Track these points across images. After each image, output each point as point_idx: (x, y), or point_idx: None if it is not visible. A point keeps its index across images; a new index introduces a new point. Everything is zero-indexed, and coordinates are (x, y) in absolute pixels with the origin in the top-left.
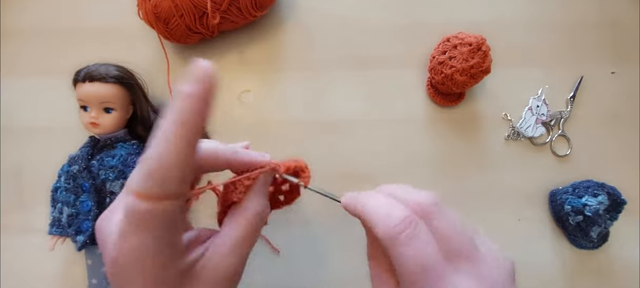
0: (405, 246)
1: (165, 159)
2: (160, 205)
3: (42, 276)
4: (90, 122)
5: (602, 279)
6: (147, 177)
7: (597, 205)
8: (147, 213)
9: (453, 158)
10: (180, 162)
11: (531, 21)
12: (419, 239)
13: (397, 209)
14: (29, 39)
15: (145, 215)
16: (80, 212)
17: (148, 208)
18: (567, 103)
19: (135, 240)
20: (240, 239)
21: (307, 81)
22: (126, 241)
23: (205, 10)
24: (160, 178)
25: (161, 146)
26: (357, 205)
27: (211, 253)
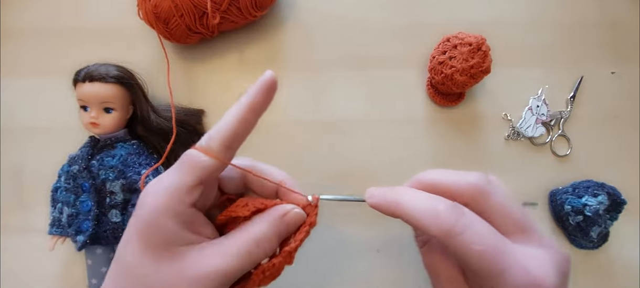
0: (462, 236)
1: (223, 126)
2: (208, 159)
3: (42, 276)
4: (90, 122)
5: (602, 279)
6: (207, 138)
7: (597, 205)
8: (195, 159)
9: (453, 158)
10: (233, 130)
11: (531, 21)
12: (473, 225)
13: (440, 203)
14: (29, 39)
15: (188, 158)
16: (80, 212)
17: (198, 156)
18: (567, 103)
19: (173, 176)
20: (232, 250)
21: (307, 81)
22: (167, 177)
23: (205, 10)
24: (216, 139)
25: (224, 118)
26: (391, 204)
27: (206, 245)
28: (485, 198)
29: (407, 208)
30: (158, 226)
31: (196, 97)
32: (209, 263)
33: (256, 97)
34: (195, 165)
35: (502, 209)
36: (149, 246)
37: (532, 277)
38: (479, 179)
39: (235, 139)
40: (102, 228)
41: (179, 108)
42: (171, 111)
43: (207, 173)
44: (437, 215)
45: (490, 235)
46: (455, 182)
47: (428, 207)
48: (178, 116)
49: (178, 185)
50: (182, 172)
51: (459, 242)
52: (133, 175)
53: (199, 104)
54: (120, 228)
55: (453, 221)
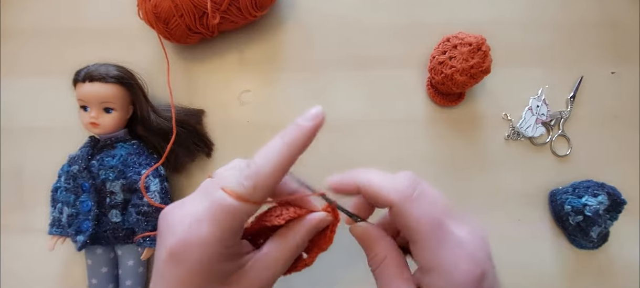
0: (417, 203)
1: (263, 170)
2: (244, 206)
3: (42, 276)
4: (90, 122)
5: (602, 279)
6: (242, 179)
7: (597, 205)
8: (231, 208)
9: (453, 158)
10: (274, 176)
11: (531, 21)
12: (428, 196)
13: (400, 176)
14: (29, 39)
15: (228, 208)
16: (80, 212)
17: (233, 205)
18: (567, 103)
19: (208, 228)
20: (279, 260)
21: (307, 81)
22: (200, 227)
23: (205, 10)
24: (253, 185)
25: (265, 159)
26: (351, 178)
27: (253, 263)
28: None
29: (366, 178)
30: (208, 273)
31: (196, 97)
32: (261, 277)
33: (304, 138)
34: (237, 216)
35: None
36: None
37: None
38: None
39: (277, 183)
40: (102, 228)
41: (179, 108)
42: (171, 111)
43: (247, 218)
44: (397, 184)
45: (439, 209)
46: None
47: (390, 178)
48: (178, 116)
49: (222, 234)
50: (224, 222)
51: (411, 210)
52: (133, 175)
53: (199, 104)
54: (120, 228)
55: (411, 190)
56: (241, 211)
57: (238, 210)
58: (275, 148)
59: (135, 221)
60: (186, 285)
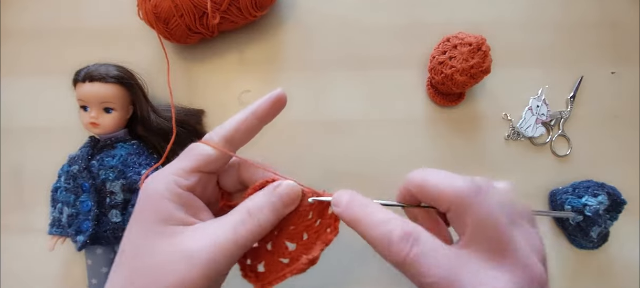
0: (414, 266)
1: (227, 124)
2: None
3: (42, 276)
4: (90, 122)
5: (602, 279)
6: (211, 132)
7: (597, 205)
8: (192, 146)
9: (453, 158)
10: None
11: (531, 21)
12: (426, 255)
13: (395, 230)
14: (29, 39)
15: (190, 148)
16: (80, 212)
17: (194, 144)
18: (567, 103)
19: (174, 163)
20: (228, 227)
21: (307, 81)
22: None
23: (205, 10)
24: (217, 133)
25: (230, 118)
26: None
27: (202, 224)
28: (466, 209)
29: (363, 230)
30: (155, 205)
31: (196, 97)
32: (203, 236)
33: (262, 105)
34: (195, 153)
35: (479, 225)
36: (146, 225)
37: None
38: (465, 187)
39: (235, 135)
40: (102, 228)
41: (179, 108)
42: (171, 111)
43: (205, 160)
44: (390, 244)
45: (442, 264)
46: (440, 185)
47: (382, 234)
48: (178, 116)
49: (176, 168)
50: (181, 159)
51: (411, 273)
52: (133, 175)
53: (199, 104)
54: (120, 228)
55: (406, 252)
56: (201, 148)
57: (197, 147)
58: (241, 112)
59: None
60: (140, 215)
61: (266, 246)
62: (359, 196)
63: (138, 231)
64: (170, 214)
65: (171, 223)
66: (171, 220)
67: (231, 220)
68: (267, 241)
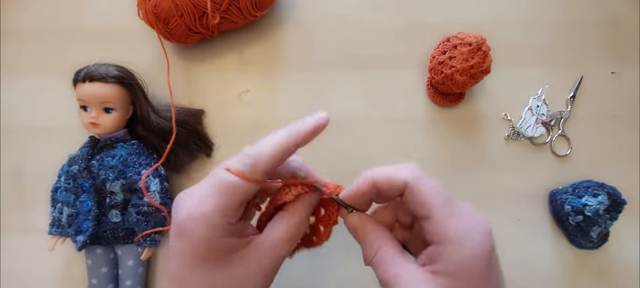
0: (426, 180)
1: (263, 150)
2: (244, 183)
3: (42, 276)
4: (90, 122)
5: (602, 279)
6: (244, 158)
7: (597, 205)
8: (231, 184)
9: (453, 158)
10: (272, 157)
11: (531, 21)
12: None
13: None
14: (29, 39)
15: (229, 184)
16: (80, 212)
17: (234, 181)
18: (567, 103)
19: (211, 202)
20: (279, 240)
21: (307, 81)
22: (204, 202)
23: (205, 10)
24: (253, 163)
25: (266, 142)
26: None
27: (257, 242)
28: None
29: (377, 171)
30: (211, 247)
31: (196, 97)
32: (265, 256)
33: (305, 131)
34: (237, 190)
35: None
36: (206, 263)
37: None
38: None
39: (276, 166)
40: (102, 228)
41: (179, 108)
42: (171, 111)
43: (248, 196)
44: (407, 167)
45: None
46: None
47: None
48: (178, 116)
49: (224, 208)
50: (225, 196)
51: (424, 187)
52: (133, 175)
53: (199, 104)
54: (120, 228)
55: (418, 171)
56: (242, 187)
57: (239, 186)
58: (277, 135)
59: (135, 221)
60: (191, 258)
61: None
62: None
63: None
64: (228, 248)
65: (230, 254)
66: (230, 252)
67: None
68: None
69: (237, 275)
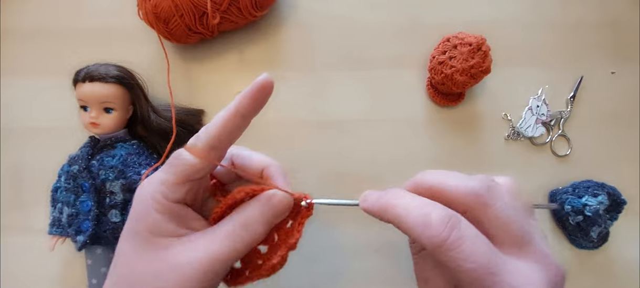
0: (454, 251)
1: (211, 127)
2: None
3: (42, 276)
4: (90, 122)
5: (602, 279)
6: (194, 137)
7: (597, 205)
8: (180, 156)
9: (453, 158)
10: (220, 132)
11: (531, 21)
12: (467, 239)
13: (434, 211)
14: (28, 39)
15: (177, 157)
16: (80, 212)
17: (182, 153)
18: (567, 103)
19: (160, 174)
20: (222, 238)
21: (307, 81)
22: (155, 175)
23: (205, 10)
24: (202, 139)
25: (214, 119)
26: (383, 209)
27: (193, 236)
28: (483, 208)
29: (398, 214)
30: (145, 218)
31: (196, 97)
32: (196, 249)
33: (245, 101)
34: (180, 164)
35: (499, 221)
36: (137, 238)
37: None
38: (479, 187)
39: (221, 140)
40: (102, 228)
41: (179, 108)
42: (171, 111)
43: (192, 171)
44: (429, 226)
45: (483, 251)
46: (454, 187)
47: (420, 216)
48: (178, 116)
49: (164, 181)
50: (168, 170)
51: (450, 257)
52: (133, 175)
53: (199, 104)
54: (120, 228)
55: (446, 234)
56: (188, 161)
57: (186, 160)
58: (224, 110)
59: None
60: (132, 233)
61: None
62: (390, 190)
63: (128, 240)
64: (159, 226)
65: (161, 235)
66: (161, 232)
67: (225, 232)
68: None
69: (160, 268)
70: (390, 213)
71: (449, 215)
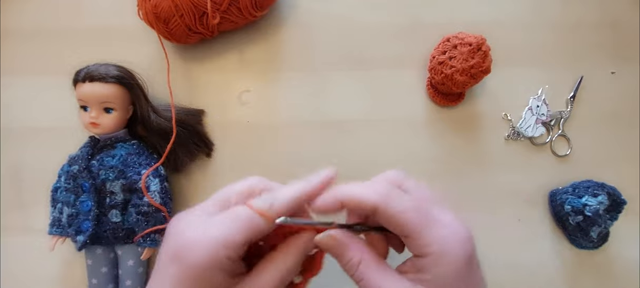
0: (398, 198)
1: (279, 198)
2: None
3: (42, 276)
4: (90, 122)
5: (602, 279)
6: (267, 202)
7: (597, 205)
8: (248, 215)
9: (453, 158)
10: (288, 202)
11: (531, 21)
12: (408, 190)
13: (377, 179)
14: (28, 39)
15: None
16: (80, 212)
17: (250, 213)
18: (567, 103)
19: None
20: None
21: (307, 81)
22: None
23: (205, 10)
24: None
25: (282, 192)
26: (339, 197)
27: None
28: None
29: (346, 191)
30: (206, 279)
31: (196, 98)
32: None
33: (315, 189)
34: (252, 226)
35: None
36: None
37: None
38: (377, 196)
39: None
40: (102, 228)
41: (179, 108)
42: (171, 111)
43: (259, 234)
44: (374, 191)
45: (414, 201)
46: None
47: (366, 188)
48: (178, 116)
49: (231, 241)
50: (236, 229)
51: (393, 208)
52: (133, 175)
53: (199, 104)
54: (120, 228)
55: (387, 192)
56: (257, 222)
57: (255, 220)
58: (293, 189)
59: (135, 221)
60: (181, 286)
61: None
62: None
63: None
64: (220, 283)
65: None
66: None
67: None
68: None
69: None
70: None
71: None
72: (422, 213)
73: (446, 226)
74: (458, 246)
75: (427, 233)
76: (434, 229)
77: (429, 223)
